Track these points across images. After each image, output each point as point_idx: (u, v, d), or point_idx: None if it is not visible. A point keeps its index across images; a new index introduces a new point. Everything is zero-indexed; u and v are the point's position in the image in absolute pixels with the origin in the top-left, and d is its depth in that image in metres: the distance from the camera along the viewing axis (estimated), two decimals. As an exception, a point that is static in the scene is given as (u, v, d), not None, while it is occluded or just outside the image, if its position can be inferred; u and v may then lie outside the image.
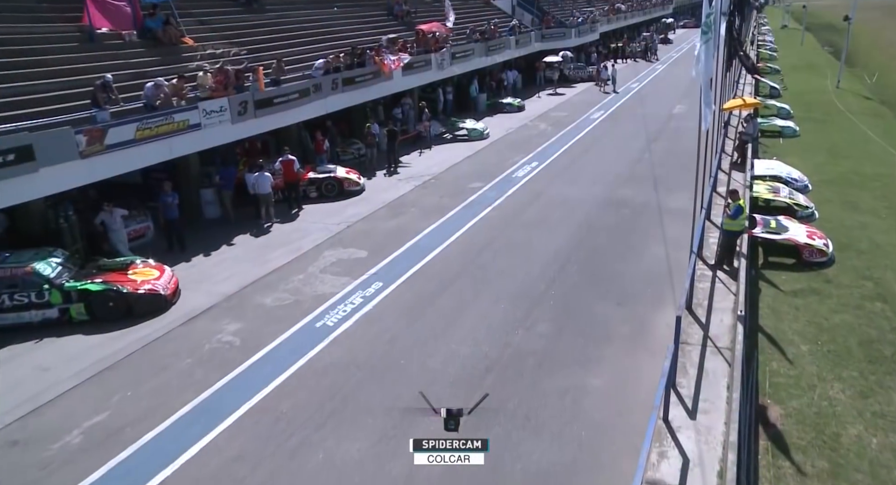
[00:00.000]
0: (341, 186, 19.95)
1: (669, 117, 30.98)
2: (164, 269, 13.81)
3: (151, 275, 13.21)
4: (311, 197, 19.64)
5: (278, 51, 22.71)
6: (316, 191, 19.64)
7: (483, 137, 27.07)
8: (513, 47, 37.56)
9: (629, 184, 20.38)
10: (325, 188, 19.84)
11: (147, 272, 13.29)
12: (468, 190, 20.08)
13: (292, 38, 24.29)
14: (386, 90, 25.21)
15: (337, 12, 29.04)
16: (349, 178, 20.23)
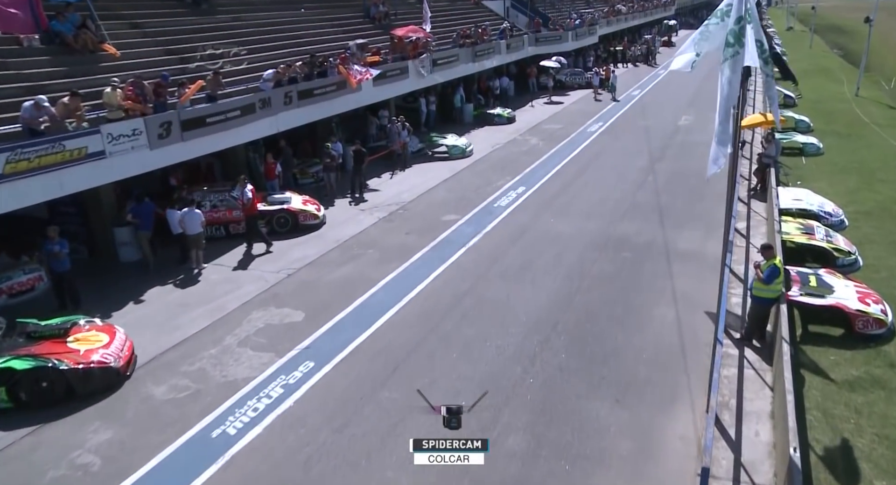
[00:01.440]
0: (296, 219, 16.90)
1: (675, 131, 27.94)
2: (114, 331, 11.06)
3: (98, 341, 10.58)
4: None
5: (232, 59, 19.68)
6: (266, 225, 16.51)
7: (465, 155, 24.02)
8: (503, 52, 34.52)
9: (630, 216, 17.32)
10: (276, 223, 16.72)
11: (92, 338, 10.63)
12: (440, 224, 17.02)
13: (249, 43, 21.22)
14: (353, 103, 22.16)
15: (304, 14, 26.00)
16: (306, 210, 17.17)
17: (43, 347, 10.09)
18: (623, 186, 19.96)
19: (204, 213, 15.09)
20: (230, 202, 16.21)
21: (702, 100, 34.83)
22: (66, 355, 10.00)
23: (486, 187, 20.11)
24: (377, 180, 21.40)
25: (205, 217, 14.89)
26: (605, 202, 18.46)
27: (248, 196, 15.46)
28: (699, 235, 15.92)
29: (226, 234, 16.39)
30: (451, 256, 14.97)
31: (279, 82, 18.55)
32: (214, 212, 16.13)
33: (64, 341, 10.37)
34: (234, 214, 16.23)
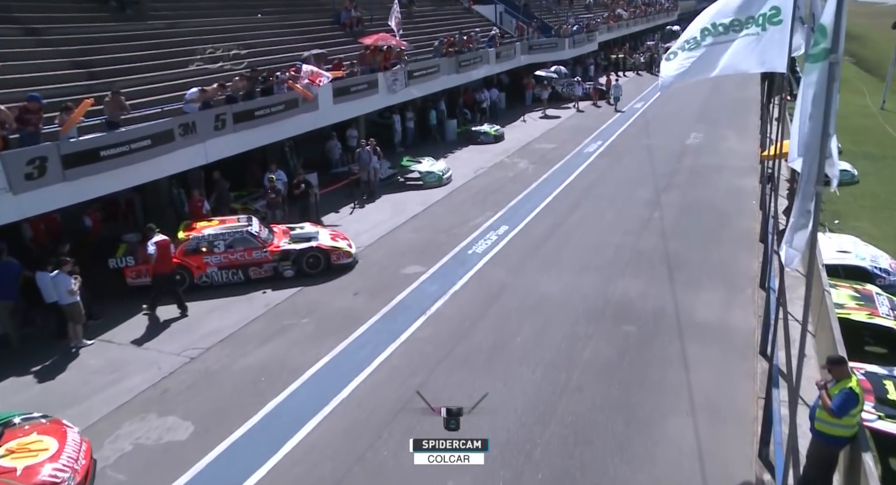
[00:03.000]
0: (328, 259, 14.22)
1: (682, 151, 24.72)
2: (63, 430, 8.17)
3: (43, 449, 7.72)
4: (285, 277, 13.85)
5: (162, 72, 16.52)
6: (292, 267, 13.90)
7: (442, 183, 20.78)
8: (492, 61, 31.30)
9: (633, 270, 14.07)
10: (306, 264, 14.02)
11: (34, 445, 7.77)
12: (399, 280, 13.77)
13: (185, 55, 18.02)
14: (309, 124, 18.92)
15: (261, 20, 22.79)
16: (338, 247, 14.44)
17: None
18: (624, 226, 16.69)
19: (219, 254, 13.17)
20: (249, 241, 13.58)
21: (711, 114, 31.65)
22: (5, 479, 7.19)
23: (461, 227, 16.85)
24: (334, 216, 18.16)
25: (222, 259, 13.25)
26: (602, 249, 15.20)
27: (151, 251, 12.22)
28: (720, 298, 12.66)
29: (244, 279, 13.68)
30: (404, 329, 11.71)
31: (208, 103, 15.32)
32: (230, 253, 13.52)
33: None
34: (256, 255, 13.64)
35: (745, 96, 38.03)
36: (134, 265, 13.16)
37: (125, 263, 13.23)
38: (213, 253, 13.44)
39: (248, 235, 13.74)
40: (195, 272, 13.38)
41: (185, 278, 13.25)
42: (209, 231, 13.66)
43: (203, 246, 13.44)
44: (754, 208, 17.88)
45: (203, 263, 13.43)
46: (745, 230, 16.24)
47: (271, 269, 13.80)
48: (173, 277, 12.81)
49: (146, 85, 15.79)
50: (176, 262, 12.96)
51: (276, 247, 13.89)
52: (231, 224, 14.00)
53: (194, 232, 13.63)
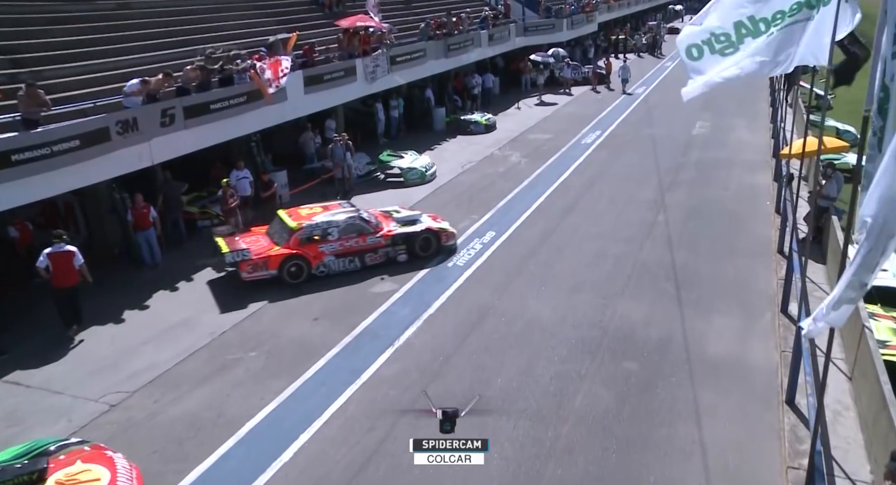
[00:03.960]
0: (439, 240, 13.88)
1: (688, 142, 22.87)
2: (109, 458, 7.11)
3: (95, 479, 6.65)
4: (399, 262, 13.42)
5: (106, 60, 14.68)
6: (406, 251, 13.52)
7: (425, 180, 18.95)
8: (484, 44, 29.29)
9: (635, 288, 12.34)
10: (419, 247, 13.63)
11: (84, 476, 6.68)
12: (367, 300, 12.05)
13: (136, 40, 16.14)
14: (277, 117, 17.10)
15: (226, 1, 20.80)
16: (445, 228, 14.10)
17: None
18: (625, 232, 14.93)
19: (334, 242, 12.85)
20: (363, 227, 13.17)
21: (718, 100, 29.52)
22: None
23: (442, 233, 15.04)
24: (304, 219, 16.31)
25: (337, 247, 12.85)
26: (599, 261, 13.44)
27: (41, 263, 10.54)
28: (735, 325, 10.94)
29: (360, 265, 13.19)
30: (366, 366, 10.00)
31: (153, 96, 13.47)
32: (345, 240, 13.00)
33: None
34: (370, 241, 13.20)
35: (753, 80, 36.02)
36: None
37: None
38: (327, 241, 12.83)
39: (361, 220, 13.28)
40: (313, 262, 12.76)
41: (302, 269, 12.63)
42: (320, 218, 13.04)
43: (317, 234, 12.80)
44: (769, 211, 16.10)
45: (319, 252, 12.82)
46: (760, 238, 14.47)
47: (385, 254, 13.30)
48: (75, 294, 11.08)
49: (84, 75, 13.94)
50: (293, 252, 12.53)
51: (388, 231, 13.39)
52: (337, 210, 13.49)
53: (304, 220, 12.96)
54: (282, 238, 12.76)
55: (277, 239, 12.81)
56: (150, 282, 12.99)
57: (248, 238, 13.00)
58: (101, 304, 11.93)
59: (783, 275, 12.27)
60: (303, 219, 13.02)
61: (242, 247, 12.42)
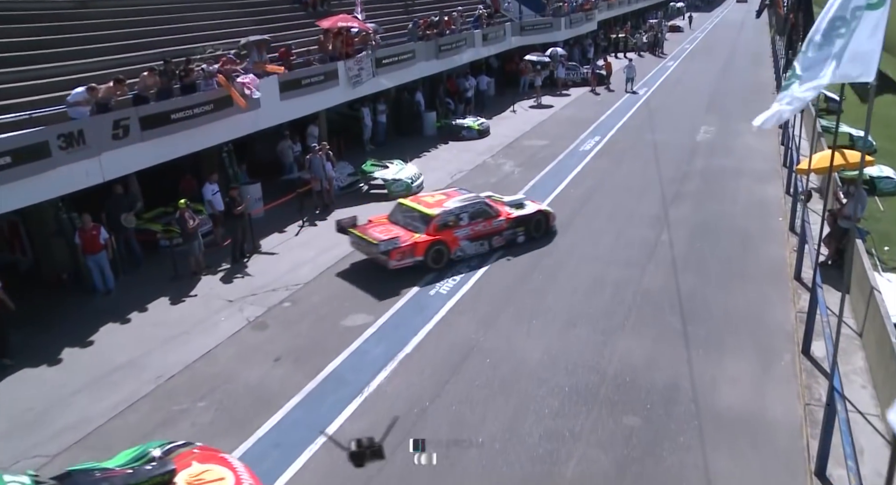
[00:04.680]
0: (548, 222, 14.60)
1: (692, 149, 21.56)
2: (223, 457, 6.98)
3: (219, 478, 6.47)
4: (518, 242, 14.02)
5: (60, 64, 13.38)
6: (524, 233, 14.15)
7: (410, 193, 17.58)
8: (478, 44, 27.97)
9: (638, 321, 11.06)
10: (534, 228, 14.29)
11: (209, 476, 6.49)
12: (336, 336, 10.78)
13: (98, 41, 14.86)
14: (249, 126, 15.79)
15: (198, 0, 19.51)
16: (549, 211, 14.78)
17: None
18: (625, 255, 13.64)
19: (465, 226, 13.23)
20: (487, 212, 13.63)
21: (723, 102, 28.42)
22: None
23: (425, 255, 13.76)
24: (277, 237, 15.07)
25: (469, 231, 13.29)
26: (598, 289, 12.16)
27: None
28: (750, 370, 9.66)
29: (489, 248, 13.64)
30: (329, 420, 8.76)
31: (105, 105, 12.16)
32: (475, 225, 13.39)
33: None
34: (495, 224, 13.64)
35: (760, 80, 34.71)
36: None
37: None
38: (460, 226, 13.22)
39: (486, 205, 13.73)
40: (452, 247, 13.09)
41: (442, 255, 12.98)
42: (452, 204, 13.42)
43: (451, 220, 13.14)
44: (782, 228, 14.82)
45: (454, 237, 13.15)
46: (774, 261, 13.18)
47: (507, 237, 13.82)
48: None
49: (32, 81, 12.64)
50: (435, 238, 12.82)
51: (508, 214, 13.88)
52: (459, 196, 13.91)
53: (436, 207, 13.34)
54: (419, 226, 12.99)
55: (413, 227, 13.01)
56: (99, 312, 11.73)
57: (378, 228, 13.19)
58: (39, 338, 10.75)
59: (802, 306, 11.04)
60: (433, 206, 13.37)
61: (389, 236, 12.58)
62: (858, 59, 6.19)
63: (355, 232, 13.15)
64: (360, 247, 13.09)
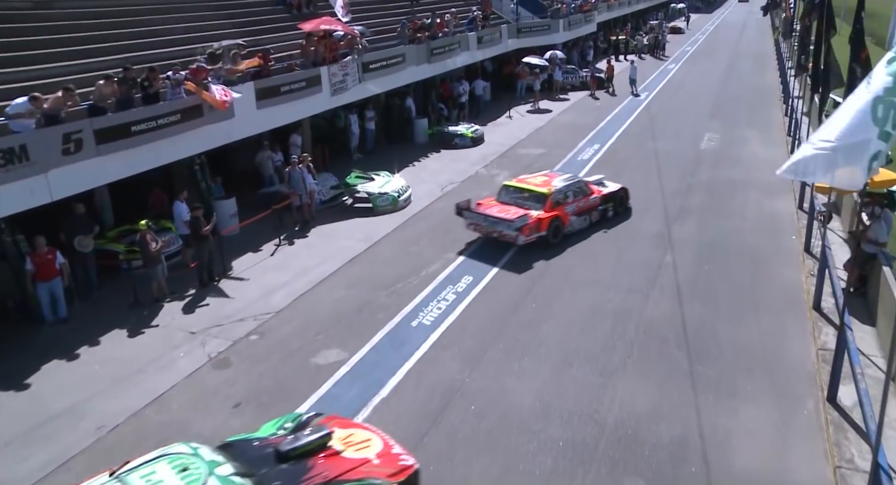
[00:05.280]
0: (626, 198, 15.91)
1: (697, 159, 20.45)
2: (363, 425, 7.80)
3: (367, 440, 7.21)
4: (608, 217, 15.23)
5: (10, 70, 12.29)
6: (612, 208, 15.42)
7: (397, 207, 16.52)
8: (473, 48, 26.87)
9: (640, 358, 9.95)
10: (619, 203, 15.66)
11: (355, 438, 7.20)
12: (306, 376, 9.69)
13: (53, 46, 13.76)
14: (222, 137, 14.70)
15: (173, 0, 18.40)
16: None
17: (334, 467, 6.64)
18: (627, 279, 12.52)
19: (572, 203, 14.33)
20: (584, 190, 14.83)
21: (727, 107, 27.32)
22: (371, 469, 6.71)
23: (409, 279, 12.69)
24: (251, 258, 13.96)
25: (575, 208, 14.33)
26: (596, 320, 11.04)
27: None
28: (769, 419, 8.54)
29: (589, 223, 14.76)
30: None
31: (54, 117, 11.05)
32: (577, 201, 14.54)
33: (339, 453, 6.93)
34: (591, 201, 14.88)
35: (765, 84, 33.73)
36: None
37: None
38: (567, 203, 14.17)
39: (584, 183, 14.95)
40: (565, 222, 14.05)
41: (559, 229, 13.92)
42: (558, 183, 14.43)
43: (561, 198, 14.09)
44: (796, 248, 13.71)
45: (565, 213, 14.09)
46: (789, 287, 12.06)
47: (601, 212, 14.99)
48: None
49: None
50: (554, 214, 13.76)
51: (599, 191, 15.09)
52: (562, 176, 15.05)
53: (544, 186, 14.24)
54: (533, 204, 13.80)
55: (528, 205, 13.78)
56: (45, 346, 10.62)
57: (494, 208, 13.96)
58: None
59: (823, 342, 9.96)
60: (543, 185, 14.29)
61: (517, 215, 13.28)
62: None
63: (479, 212, 13.89)
64: (481, 227, 13.88)
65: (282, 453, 6.65)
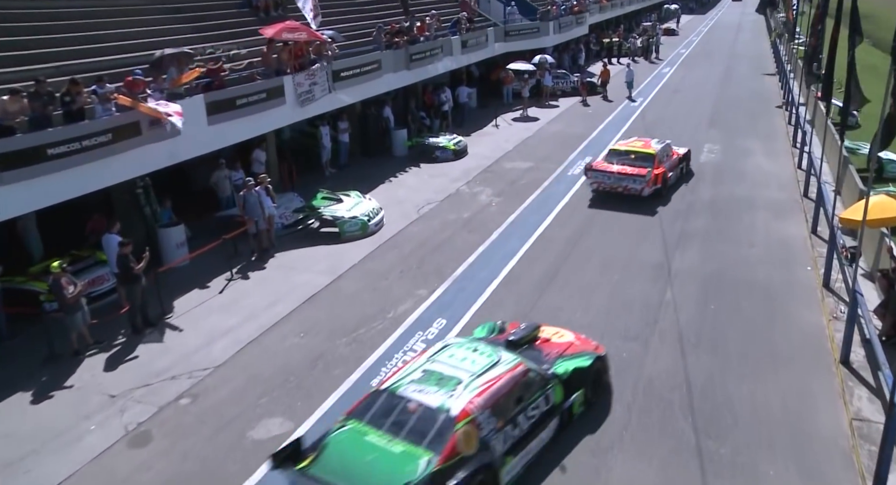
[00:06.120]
0: (689, 160, 18.81)
1: (697, 173, 18.97)
2: (564, 328, 9.65)
3: (561, 334, 9.34)
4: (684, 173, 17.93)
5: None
6: (687, 167, 18.62)
7: (366, 233, 14.89)
8: (457, 52, 25.26)
9: (638, 428, 8.40)
10: (687, 163, 18.67)
11: (555, 334, 9.31)
12: (237, 457, 8.10)
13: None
14: (164, 158, 13.00)
15: (125, 1, 16.72)
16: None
17: (554, 348, 8.86)
18: (623, 323, 10.92)
19: (666, 161, 16.98)
20: (668, 150, 17.38)
21: (727, 115, 25.80)
22: (579, 347, 8.99)
23: (374, 323, 11.07)
24: (197, 296, 12.31)
25: (668, 166, 16.82)
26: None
27: None
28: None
29: (675, 179, 17.41)
30: None
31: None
32: (668, 160, 17.16)
33: (549, 340, 9.10)
34: (674, 159, 17.66)
35: (765, 88, 32.28)
36: None
37: None
38: (665, 161, 16.86)
39: (668, 145, 17.47)
40: (668, 177, 16.84)
41: (667, 183, 16.81)
42: (655, 145, 17.03)
43: (661, 156, 16.78)
44: (812, 282, 12.14)
45: (664, 169, 16.72)
46: (809, 332, 10.48)
47: (680, 169, 17.64)
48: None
49: None
50: (662, 171, 16.38)
51: (676, 152, 17.79)
52: (654, 140, 17.54)
53: (647, 147, 16.94)
54: (643, 163, 16.25)
55: (639, 165, 16.25)
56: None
57: (614, 167, 16.38)
58: None
59: (857, 409, 8.42)
60: (645, 147, 16.90)
61: (643, 171, 15.99)
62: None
63: (605, 170, 16.38)
64: (605, 184, 16.42)
65: (512, 343, 8.56)
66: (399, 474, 6.29)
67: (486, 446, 6.79)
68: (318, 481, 6.50)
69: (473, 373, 7.38)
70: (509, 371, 7.51)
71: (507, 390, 7.26)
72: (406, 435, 6.72)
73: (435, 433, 6.62)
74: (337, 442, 6.91)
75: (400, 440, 6.70)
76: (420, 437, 6.65)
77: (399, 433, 6.76)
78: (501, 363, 7.62)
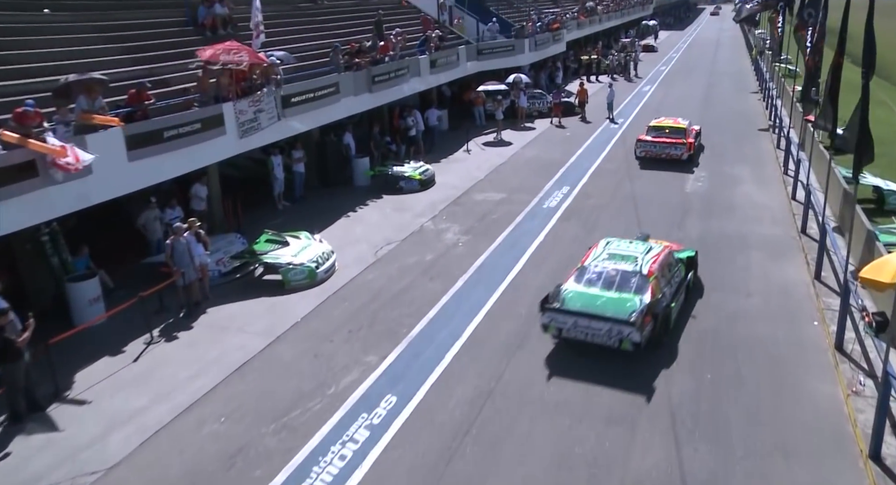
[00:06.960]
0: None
1: (683, 206, 17.38)
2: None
3: (661, 242, 12.46)
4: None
5: None
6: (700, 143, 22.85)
7: (314, 281, 13.11)
8: (425, 72, 23.69)
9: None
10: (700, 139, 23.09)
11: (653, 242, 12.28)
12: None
13: None
14: (73, 202, 11.15)
15: (52, 17, 14.94)
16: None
17: (664, 248, 11.66)
18: (606, 400, 9.21)
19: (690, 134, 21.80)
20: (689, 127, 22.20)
21: (711, 139, 24.35)
22: (678, 248, 12.74)
23: (310, 401, 9.30)
24: (105, 365, 10.44)
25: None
26: (563, 476, 7.69)
27: None
28: None
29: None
30: None
31: None
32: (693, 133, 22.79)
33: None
34: (695, 133, 22.77)
35: (748, 108, 31.10)
36: None
37: None
38: (690, 134, 21.75)
39: (689, 122, 22.34)
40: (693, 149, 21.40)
41: (698, 151, 21.85)
42: (682, 121, 22.13)
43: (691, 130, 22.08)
44: (822, 343, 10.55)
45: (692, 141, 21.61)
46: (825, 412, 8.85)
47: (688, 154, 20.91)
48: None
49: None
50: (692, 142, 21.47)
51: (694, 129, 22.41)
52: (681, 119, 22.64)
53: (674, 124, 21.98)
54: (678, 135, 21.11)
55: (674, 137, 21.05)
56: None
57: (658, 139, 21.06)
58: None
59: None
60: (677, 123, 21.89)
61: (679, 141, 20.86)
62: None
63: (651, 140, 21.04)
64: (652, 152, 20.96)
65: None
66: (627, 306, 9.70)
67: (664, 295, 10.27)
68: (571, 312, 9.86)
69: (642, 252, 10.90)
70: (662, 252, 11.02)
71: (665, 263, 10.80)
72: (616, 289, 10.13)
73: (637, 285, 10.10)
74: (570, 297, 10.11)
75: (614, 292, 10.08)
76: (627, 289, 10.07)
77: (610, 289, 10.14)
78: (655, 248, 11.14)
